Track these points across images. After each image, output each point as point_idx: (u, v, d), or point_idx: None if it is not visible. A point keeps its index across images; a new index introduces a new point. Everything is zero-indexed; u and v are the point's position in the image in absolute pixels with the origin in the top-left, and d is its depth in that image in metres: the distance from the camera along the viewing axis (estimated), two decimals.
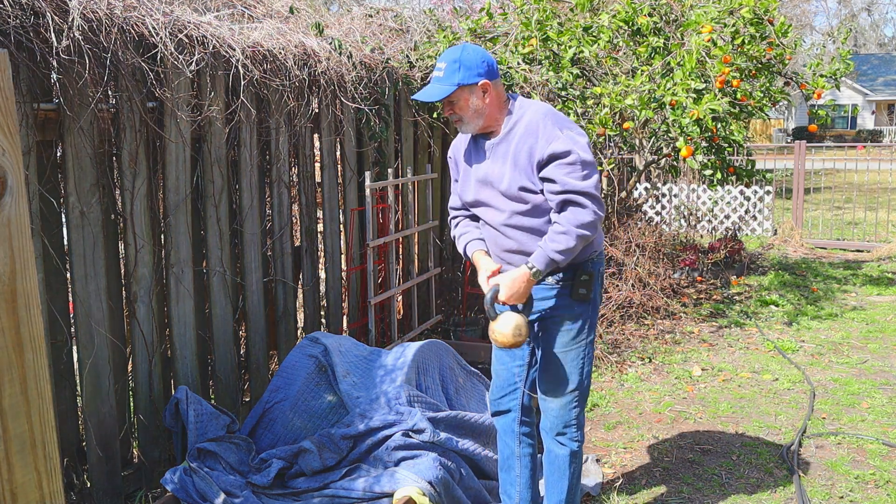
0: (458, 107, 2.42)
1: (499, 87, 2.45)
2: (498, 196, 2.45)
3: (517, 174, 2.39)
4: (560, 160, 2.31)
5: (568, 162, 2.30)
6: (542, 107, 2.44)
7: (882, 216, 10.99)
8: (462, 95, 2.39)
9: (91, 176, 2.80)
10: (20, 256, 0.94)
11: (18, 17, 2.48)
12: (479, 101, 2.40)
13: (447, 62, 2.38)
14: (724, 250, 7.72)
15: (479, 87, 2.39)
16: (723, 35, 4.80)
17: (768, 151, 20.78)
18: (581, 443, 2.60)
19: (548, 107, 2.45)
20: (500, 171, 2.43)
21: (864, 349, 5.18)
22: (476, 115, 2.42)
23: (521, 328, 2.38)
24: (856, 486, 3.22)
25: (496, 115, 2.45)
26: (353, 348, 3.37)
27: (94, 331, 2.86)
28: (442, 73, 2.39)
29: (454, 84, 2.37)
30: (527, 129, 2.39)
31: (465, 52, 2.39)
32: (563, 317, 2.50)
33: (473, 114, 2.42)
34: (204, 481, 2.70)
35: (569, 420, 2.56)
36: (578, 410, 2.57)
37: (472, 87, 2.38)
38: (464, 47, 2.41)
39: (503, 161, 2.42)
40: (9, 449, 0.93)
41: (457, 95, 2.39)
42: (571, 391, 2.53)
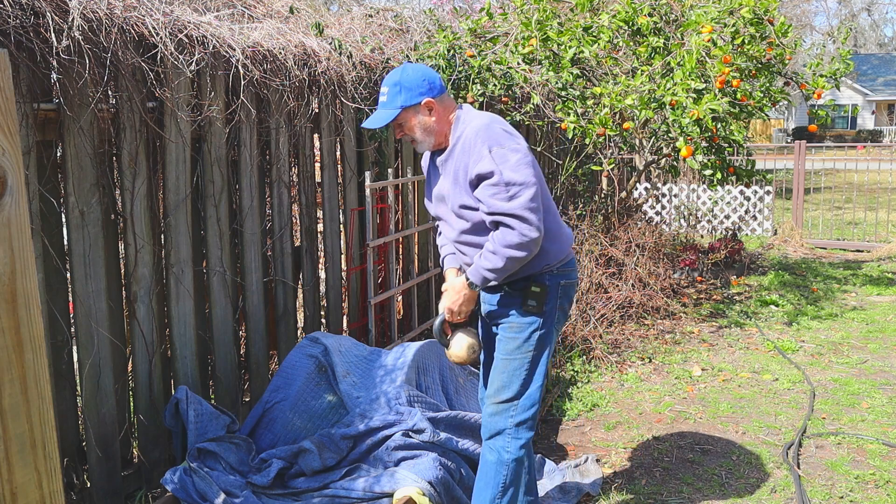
0: (407, 128, 2.43)
1: (445, 103, 2.44)
2: (449, 213, 2.48)
3: (458, 192, 2.39)
4: (486, 181, 2.29)
5: (492, 183, 2.28)
6: (479, 122, 2.38)
7: (882, 216, 10.98)
8: (407, 117, 2.40)
9: (91, 176, 2.80)
10: (20, 256, 0.94)
11: (18, 17, 2.48)
12: (426, 119, 2.41)
13: (389, 86, 2.39)
14: (724, 250, 7.72)
15: (423, 107, 2.39)
16: (723, 35, 4.80)
17: (768, 151, 20.79)
18: (515, 457, 2.48)
19: (484, 121, 2.38)
20: (447, 189, 2.45)
21: (864, 349, 5.18)
22: (426, 134, 2.43)
23: (473, 346, 2.50)
24: (856, 486, 3.22)
25: (445, 131, 2.45)
26: (353, 348, 3.37)
27: (94, 331, 2.86)
28: (385, 98, 2.40)
29: (397, 107, 2.38)
30: (463, 148, 2.37)
31: (405, 73, 2.39)
32: (511, 324, 2.47)
33: (423, 133, 2.43)
34: (204, 481, 2.70)
35: (501, 428, 2.49)
36: (515, 421, 2.47)
37: (416, 108, 2.39)
38: (403, 68, 2.41)
39: (448, 179, 2.44)
40: (9, 449, 0.93)
41: (402, 118, 2.41)
42: (507, 400, 2.47)
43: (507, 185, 2.27)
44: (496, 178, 2.27)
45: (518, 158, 2.29)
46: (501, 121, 2.43)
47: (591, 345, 4.96)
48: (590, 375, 4.65)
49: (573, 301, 2.60)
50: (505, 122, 2.44)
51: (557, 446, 3.69)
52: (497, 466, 2.50)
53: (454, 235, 2.49)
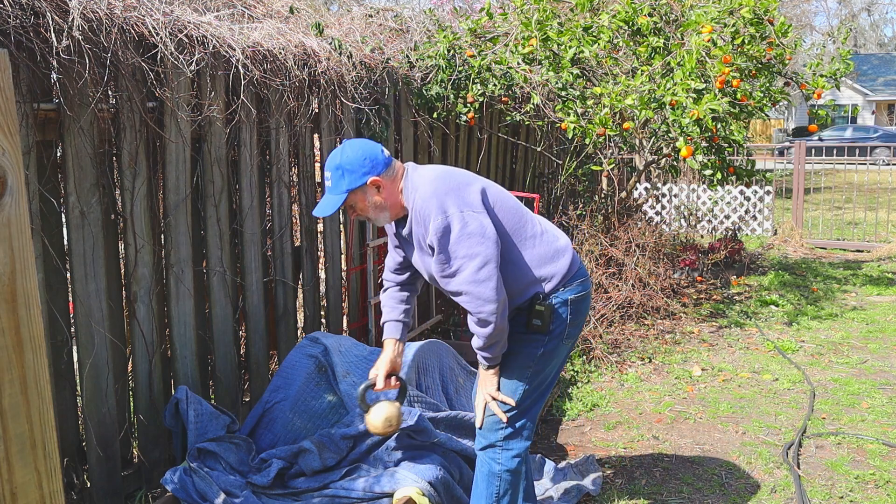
0: (359, 209, 2.36)
1: (392, 174, 2.33)
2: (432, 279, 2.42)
3: (426, 258, 2.35)
4: (434, 255, 2.26)
5: (437, 260, 2.25)
6: (424, 189, 2.29)
7: (882, 216, 10.98)
8: (356, 198, 2.32)
9: (91, 176, 2.80)
10: (20, 256, 0.94)
11: (18, 17, 2.48)
12: (375, 197, 2.32)
13: (331, 170, 2.30)
14: (724, 250, 7.72)
15: (369, 186, 2.30)
16: (723, 35, 4.80)
17: (769, 152, 20.79)
18: (507, 469, 2.45)
19: (429, 189, 2.28)
20: (418, 259, 2.41)
21: (864, 349, 5.18)
22: (379, 210, 2.36)
23: (391, 420, 2.53)
24: (856, 486, 3.22)
25: (399, 202, 2.36)
26: (353, 348, 3.37)
27: (94, 331, 2.86)
28: (330, 183, 2.31)
29: (343, 192, 2.30)
30: (416, 219, 2.31)
31: (345, 154, 2.30)
32: (515, 336, 2.41)
33: (376, 210, 2.35)
34: (204, 481, 2.70)
35: (491, 440, 2.46)
36: (506, 434, 2.44)
37: (362, 188, 2.30)
38: (343, 149, 2.32)
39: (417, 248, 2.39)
40: (9, 449, 0.93)
41: (351, 200, 2.33)
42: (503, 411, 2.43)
43: (449, 260, 2.23)
44: (439, 254, 2.24)
45: (459, 230, 2.21)
46: (447, 176, 2.32)
47: (591, 345, 4.96)
48: (590, 375, 4.65)
49: (587, 312, 2.52)
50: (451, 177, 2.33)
51: (557, 446, 3.69)
52: (489, 478, 2.48)
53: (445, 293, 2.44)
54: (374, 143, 2.35)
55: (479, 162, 5.99)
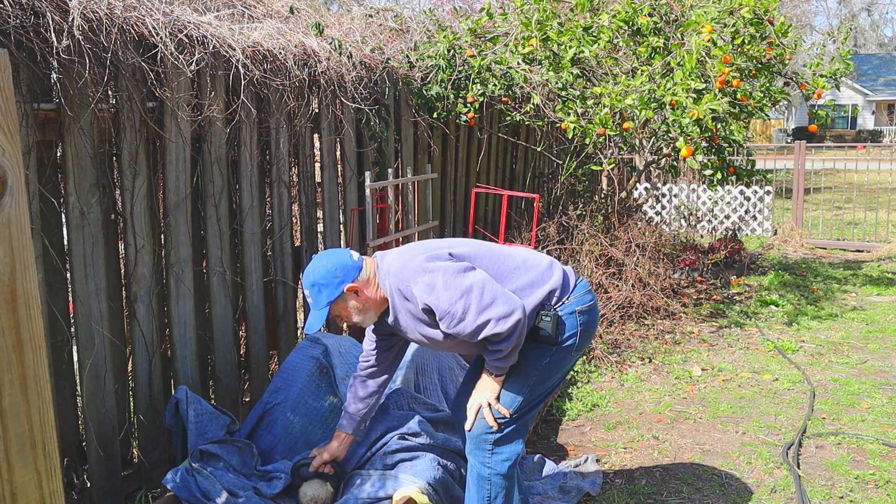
0: (344, 316, 2.42)
1: (366, 275, 2.38)
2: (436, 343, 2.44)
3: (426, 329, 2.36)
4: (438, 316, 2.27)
5: (443, 317, 2.26)
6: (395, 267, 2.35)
7: (882, 216, 10.99)
8: (338, 308, 2.38)
9: (91, 176, 2.80)
10: (20, 256, 0.94)
11: (18, 17, 2.48)
12: (356, 302, 2.38)
13: (308, 289, 2.37)
14: (724, 250, 7.72)
15: (347, 294, 2.35)
16: (723, 35, 4.80)
17: (768, 152, 20.80)
18: (497, 473, 2.45)
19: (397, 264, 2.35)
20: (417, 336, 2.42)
21: (864, 349, 5.18)
22: (363, 312, 2.40)
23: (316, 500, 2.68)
24: (856, 486, 3.22)
25: (378, 298, 2.40)
26: (354, 349, 3.37)
27: (94, 331, 2.86)
28: (312, 300, 2.37)
29: (325, 305, 2.35)
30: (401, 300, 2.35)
31: (315, 270, 2.35)
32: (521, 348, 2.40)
33: (360, 313, 2.40)
34: (207, 480, 2.70)
35: (482, 444, 2.46)
36: (496, 438, 2.44)
37: (342, 297, 2.36)
38: (312, 265, 2.37)
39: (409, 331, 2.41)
40: (9, 449, 0.93)
41: (334, 311, 2.39)
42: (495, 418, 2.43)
43: (452, 308, 2.24)
44: (439, 310, 2.25)
45: (443, 278, 2.25)
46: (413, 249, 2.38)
47: (591, 345, 4.96)
48: (590, 375, 4.65)
49: (597, 323, 2.52)
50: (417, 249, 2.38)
51: (557, 446, 3.69)
52: (479, 482, 2.48)
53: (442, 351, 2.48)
54: (341, 251, 2.41)
55: (479, 162, 5.99)
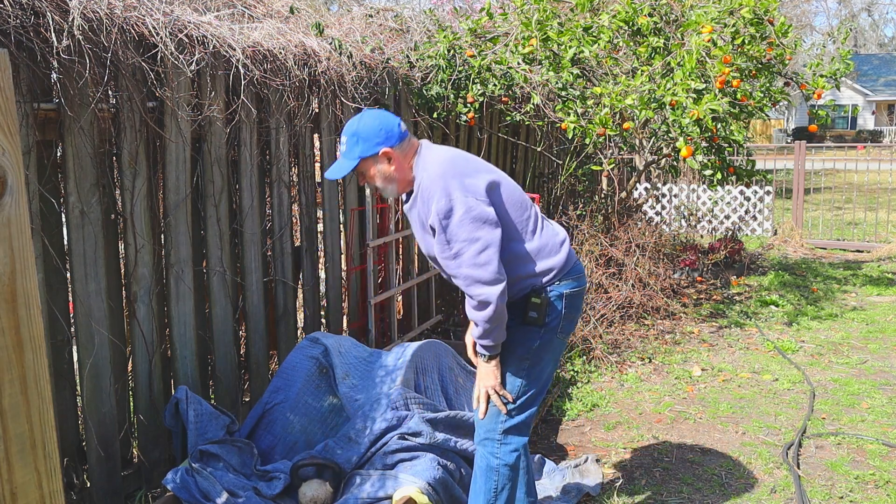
0: (368, 177, 2.42)
1: (405, 149, 2.39)
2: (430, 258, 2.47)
3: (428, 238, 2.38)
4: (436, 236, 2.29)
5: (438, 240, 2.28)
6: (434, 170, 2.33)
7: (882, 216, 10.99)
8: (367, 166, 2.38)
9: (91, 176, 2.80)
10: (20, 256, 0.94)
11: (18, 17, 2.48)
12: (385, 168, 2.37)
13: (347, 136, 2.37)
14: (724, 250, 7.72)
15: (380, 157, 2.36)
16: (723, 35, 4.80)
17: (768, 152, 20.80)
18: (504, 463, 2.46)
19: (438, 170, 2.32)
20: (418, 236, 2.46)
21: (864, 349, 5.18)
22: (387, 181, 2.41)
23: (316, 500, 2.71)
24: (856, 486, 3.22)
25: (407, 177, 2.41)
26: (353, 349, 3.37)
27: (94, 331, 2.86)
28: (345, 147, 2.38)
29: (355, 158, 2.36)
30: (421, 197, 2.35)
31: (363, 122, 2.36)
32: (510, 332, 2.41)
33: (384, 181, 2.41)
34: (207, 481, 2.70)
35: (491, 435, 2.47)
36: (503, 428, 2.45)
37: (374, 158, 2.36)
38: (361, 117, 2.38)
39: (415, 225, 2.44)
40: (9, 449, 0.93)
41: (362, 167, 2.39)
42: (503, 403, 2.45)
43: (450, 243, 2.25)
44: (440, 234, 2.27)
45: (461, 214, 2.24)
46: (457, 161, 2.36)
47: (591, 345, 4.96)
48: (590, 375, 4.65)
49: (580, 309, 2.54)
50: (461, 162, 2.36)
51: (557, 446, 3.69)
52: (486, 472, 2.49)
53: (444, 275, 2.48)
54: (391, 116, 2.40)
55: None
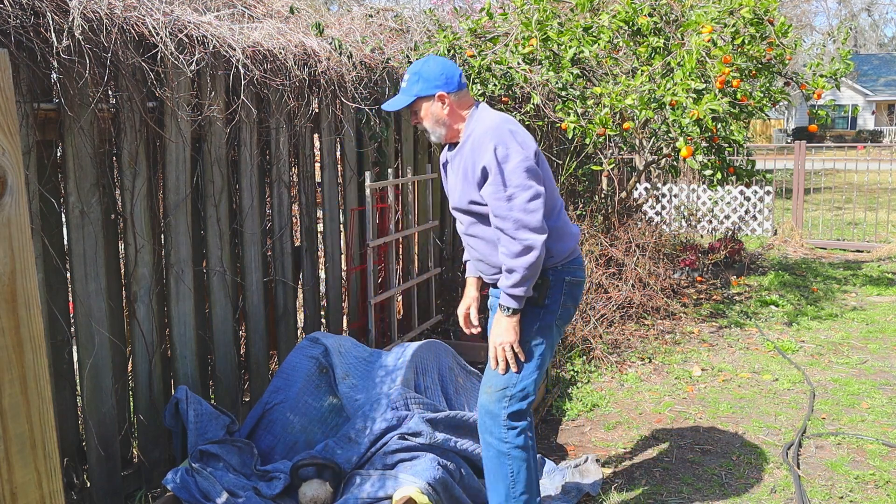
0: (420, 116, 2.54)
1: (461, 99, 2.52)
2: (456, 210, 2.55)
3: (467, 187, 2.45)
4: (488, 180, 2.36)
5: (492, 182, 2.35)
6: (490, 121, 2.43)
7: (882, 216, 10.99)
8: (422, 106, 2.52)
9: (91, 176, 2.80)
10: (20, 256, 0.94)
11: (18, 17, 2.48)
12: (438, 111, 2.50)
13: (410, 74, 2.51)
14: (724, 250, 7.72)
15: (436, 99, 2.49)
16: (723, 35, 4.80)
17: (768, 152, 20.80)
18: (514, 446, 2.50)
19: (495, 122, 2.42)
20: (454, 183, 2.53)
21: (864, 349, 5.18)
22: (437, 125, 2.52)
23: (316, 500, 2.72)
24: (856, 486, 3.22)
25: (457, 126, 2.53)
26: (353, 349, 3.37)
27: (94, 331, 2.86)
28: (405, 84, 2.52)
29: (413, 95, 2.50)
30: (472, 146, 2.43)
31: (427, 64, 2.49)
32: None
33: (434, 123, 2.52)
34: (207, 481, 2.70)
35: (494, 419, 2.51)
36: (509, 412, 2.49)
37: (430, 98, 2.50)
38: (426, 60, 2.52)
39: (456, 174, 2.51)
40: (9, 449, 0.93)
41: (417, 105, 2.52)
42: (501, 388, 2.49)
43: (506, 186, 2.33)
44: (496, 176, 2.34)
45: (519, 161, 2.34)
46: (513, 122, 2.46)
47: (591, 345, 4.96)
48: (590, 375, 4.65)
49: (578, 301, 2.61)
50: (516, 124, 2.47)
51: (557, 446, 3.69)
52: (499, 459, 2.52)
53: (463, 229, 2.57)
54: (455, 66, 2.55)
55: None
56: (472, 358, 4.28)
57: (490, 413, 2.51)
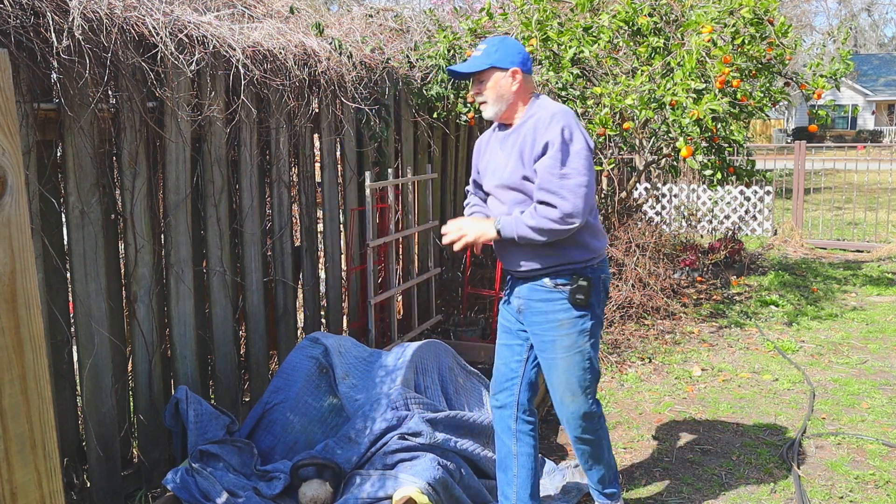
0: (485, 87, 2.53)
1: (527, 83, 2.55)
2: (502, 187, 2.55)
3: (521, 165, 2.47)
4: (548, 152, 2.39)
5: (551, 155, 2.38)
6: (558, 107, 2.49)
7: (882, 216, 10.99)
8: (492, 76, 2.51)
9: (91, 176, 2.80)
10: (20, 256, 0.94)
11: (18, 17, 2.48)
12: (507, 86, 2.51)
13: (488, 44, 2.53)
14: (724, 250, 7.72)
15: (509, 73, 2.50)
16: (723, 35, 4.80)
17: (768, 152, 20.80)
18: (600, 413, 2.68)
19: (562, 107, 2.49)
20: (504, 162, 2.53)
21: (864, 349, 5.18)
22: (499, 100, 2.53)
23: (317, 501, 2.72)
24: (856, 486, 3.22)
25: (517, 107, 2.55)
26: (353, 349, 3.37)
27: (94, 331, 2.86)
28: (480, 53, 2.53)
29: (488, 63, 2.49)
30: (535, 126, 2.47)
31: (506, 41, 2.54)
32: (561, 322, 2.53)
33: (497, 98, 2.53)
34: (207, 481, 2.70)
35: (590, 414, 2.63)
36: (592, 400, 2.64)
37: (504, 71, 2.50)
38: (505, 38, 2.56)
39: (510, 152, 2.52)
40: (9, 449, 0.93)
41: (488, 75, 2.51)
42: (584, 389, 2.59)
43: (563, 164, 2.37)
44: (556, 153, 2.36)
45: (582, 147, 2.40)
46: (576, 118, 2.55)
47: None
48: None
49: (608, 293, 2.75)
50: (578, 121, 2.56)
51: (557, 446, 3.69)
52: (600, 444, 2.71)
53: (504, 210, 2.57)
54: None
55: None
56: (472, 358, 4.28)
57: (585, 414, 2.62)
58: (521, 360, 2.70)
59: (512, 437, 2.71)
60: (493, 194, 2.61)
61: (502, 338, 2.75)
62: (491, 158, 2.63)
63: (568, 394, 2.60)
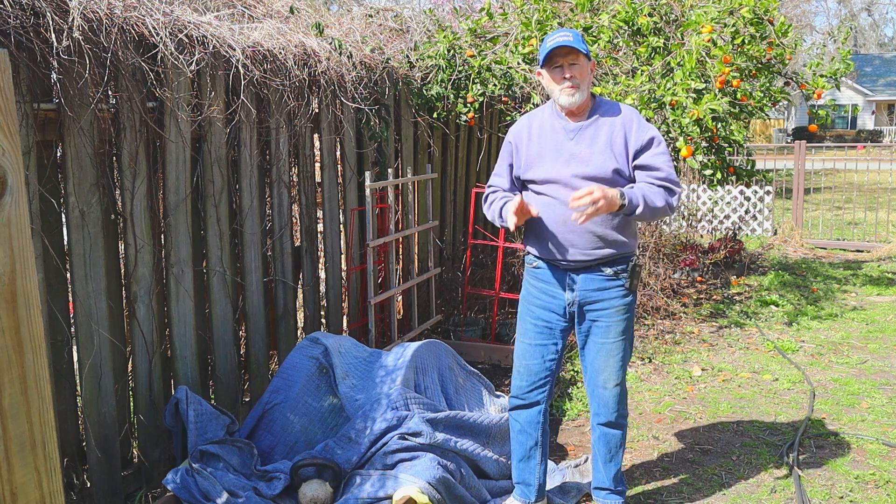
0: (579, 71, 2.60)
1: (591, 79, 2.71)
2: (581, 177, 2.59)
3: (611, 158, 2.58)
4: (657, 149, 2.59)
5: (662, 151, 2.60)
6: (624, 109, 2.67)
7: (882, 216, 10.99)
8: (585, 63, 2.62)
9: (91, 176, 2.80)
10: (20, 256, 0.94)
11: (18, 17, 2.48)
12: (589, 75, 2.65)
13: (573, 34, 2.59)
14: (724, 250, 7.72)
15: (592, 64, 2.66)
16: (723, 35, 4.79)
17: (768, 152, 20.79)
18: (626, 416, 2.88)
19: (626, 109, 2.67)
20: (587, 153, 2.61)
21: (864, 349, 5.18)
22: (585, 87, 2.62)
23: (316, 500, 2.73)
24: (856, 486, 3.22)
25: (587, 98, 2.65)
26: (353, 349, 3.37)
27: (94, 331, 2.86)
28: (571, 38, 2.57)
29: (586, 50, 2.59)
30: (622, 121, 2.62)
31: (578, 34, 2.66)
32: (617, 308, 2.70)
33: (585, 84, 2.62)
34: (207, 481, 2.70)
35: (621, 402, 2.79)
36: (625, 388, 2.82)
37: (589, 61, 2.64)
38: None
39: (591, 144, 2.61)
40: (9, 449, 0.93)
41: (583, 60, 2.61)
42: (619, 378, 2.77)
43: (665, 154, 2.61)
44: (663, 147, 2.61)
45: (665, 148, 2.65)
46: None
47: None
48: None
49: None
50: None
51: (557, 446, 3.69)
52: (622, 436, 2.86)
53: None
54: None
55: (478, 162, 5.99)
56: (472, 358, 4.28)
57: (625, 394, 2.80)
58: (555, 359, 2.81)
59: (539, 430, 2.85)
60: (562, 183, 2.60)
61: (536, 338, 2.79)
62: (554, 149, 2.65)
63: (616, 376, 2.75)
